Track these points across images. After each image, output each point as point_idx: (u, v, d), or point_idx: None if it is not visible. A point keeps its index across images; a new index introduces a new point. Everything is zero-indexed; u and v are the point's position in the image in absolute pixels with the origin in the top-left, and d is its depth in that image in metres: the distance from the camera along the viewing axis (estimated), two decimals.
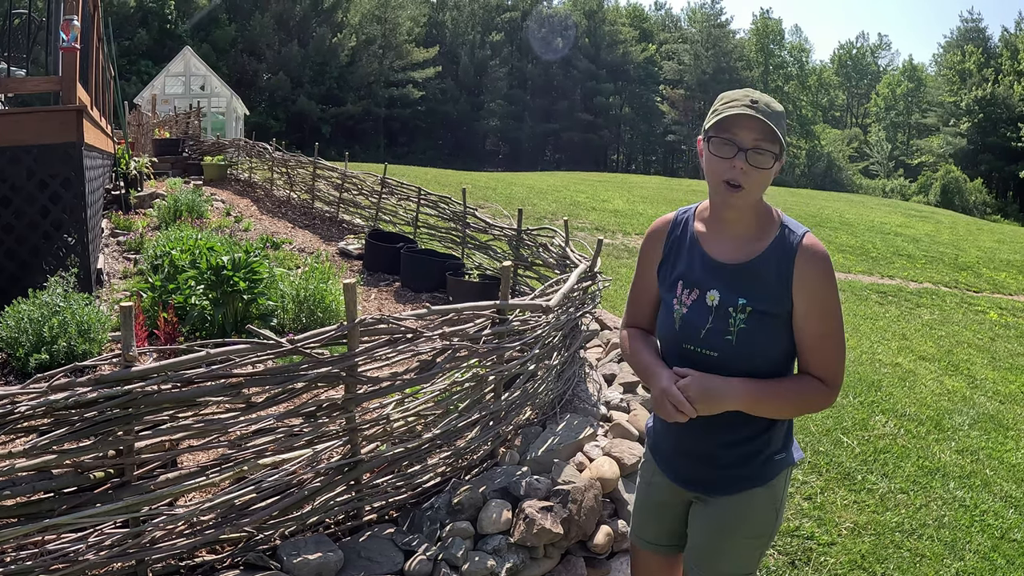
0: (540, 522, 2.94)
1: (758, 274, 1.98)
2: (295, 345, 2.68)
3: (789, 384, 2.00)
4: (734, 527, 2.12)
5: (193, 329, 5.24)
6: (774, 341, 1.99)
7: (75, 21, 5.67)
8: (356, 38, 57.82)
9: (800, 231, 2.00)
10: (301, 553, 2.68)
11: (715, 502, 2.15)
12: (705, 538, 2.17)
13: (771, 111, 1.88)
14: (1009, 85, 56.94)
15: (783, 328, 1.99)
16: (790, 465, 2.14)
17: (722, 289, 2.01)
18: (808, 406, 2.04)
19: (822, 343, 1.98)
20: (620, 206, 16.99)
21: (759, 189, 1.93)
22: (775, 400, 1.97)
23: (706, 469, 2.14)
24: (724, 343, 1.99)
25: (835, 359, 2.00)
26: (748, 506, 2.10)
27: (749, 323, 1.97)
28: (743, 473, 2.09)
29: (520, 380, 3.71)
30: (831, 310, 1.97)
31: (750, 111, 1.86)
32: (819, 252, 1.96)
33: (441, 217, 8.70)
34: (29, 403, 2.27)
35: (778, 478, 2.11)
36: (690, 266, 2.08)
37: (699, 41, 70.78)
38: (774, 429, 2.09)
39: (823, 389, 2.00)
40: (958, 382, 7.10)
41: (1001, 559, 4.02)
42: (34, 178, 5.43)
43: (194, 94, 30.26)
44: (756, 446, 2.08)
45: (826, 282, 1.96)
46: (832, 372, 2.00)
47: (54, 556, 2.34)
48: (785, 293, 1.96)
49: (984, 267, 14.35)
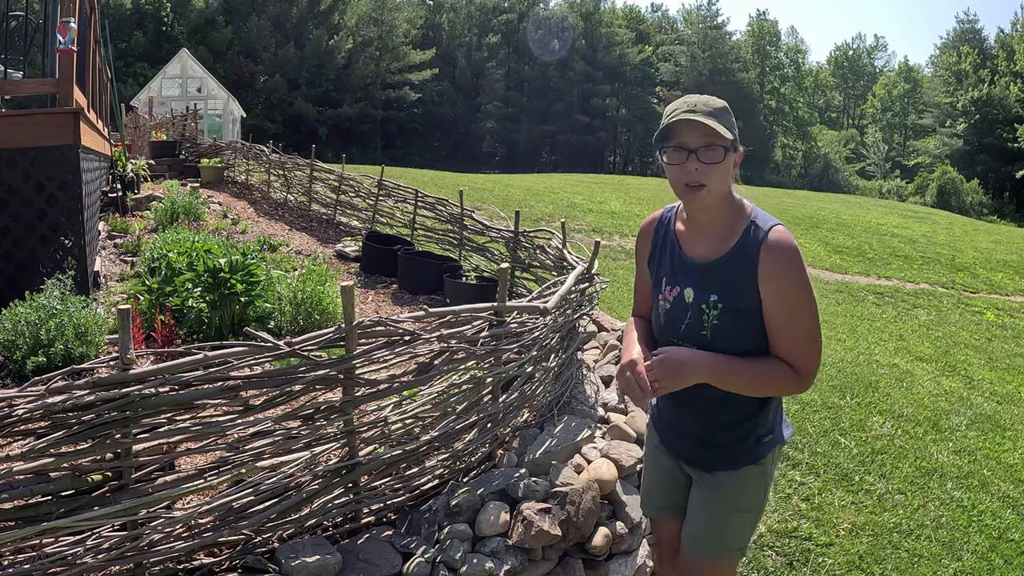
0: (538, 524, 2.94)
1: (727, 271, 2.06)
2: (293, 347, 2.68)
3: (756, 362, 2.06)
4: (728, 503, 2.24)
5: (190, 332, 5.24)
6: (747, 335, 2.06)
7: (72, 23, 5.66)
8: (353, 40, 57.81)
9: (767, 225, 2.04)
10: (299, 556, 2.68)
11: (711, 479, 2.27)
12: (701, 514, 2.29)
13: (709, 109, 1.99)
14: (1005, 86, 57.07)
15: (755, 322, 2.05)
16: (779, 444, 2.25)
17: (695, 286, 2.11)
18: (775, 387, 2.10)
19: (788, 330, 2.03)
20: (617, 207, 17.00)
21: (721, 183, 2.02)
22: (740, 376, 2.04)
23: (700, 449, 2.28)
24: (700, 338, 2.10)
25: (802, 347, 2.04)
26: (742, 483, 2.22)
27: (721, 319, 2.06)
28: (735, 453, 2.21)
29: (518, 382, 3.71)
30: (796, 300, 2.01)
31: (688, 115, 1.97)
32: (781, 245, 2.00)
33: (438, 219, 8.70)
34: (26, 406, 2.27)
35: (768, 457, 2.22)
36: (671, 264, 2.20)
37: (695, 43, 70.87)
38: (761, 413, 2.19)
39: (791, 374, 2.05)
40: (955, 383, 7.11)
41: (999, 559, 4.03)
42: (31, 181, 5.42)
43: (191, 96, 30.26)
44: (745, 428, 2.19)
45: (789, 274, 2.00)
46: (800, 359, 2.05)
47: (52, 559, 2.34)
48: (753, 287, 2.02)
49: (981, 268, 14.38)
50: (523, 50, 67.86)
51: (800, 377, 2.06)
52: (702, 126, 1.96)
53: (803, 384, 2.07)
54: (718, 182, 2.01)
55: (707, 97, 2.04)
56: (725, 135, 1.97)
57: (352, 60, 57.56)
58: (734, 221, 2.08)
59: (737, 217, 2.09)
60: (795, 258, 2.00)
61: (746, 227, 2.06)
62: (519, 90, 67.60)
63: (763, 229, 2.03)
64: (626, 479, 3.55)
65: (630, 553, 3.37)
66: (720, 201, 2.06)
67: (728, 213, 2.09)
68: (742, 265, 2.03)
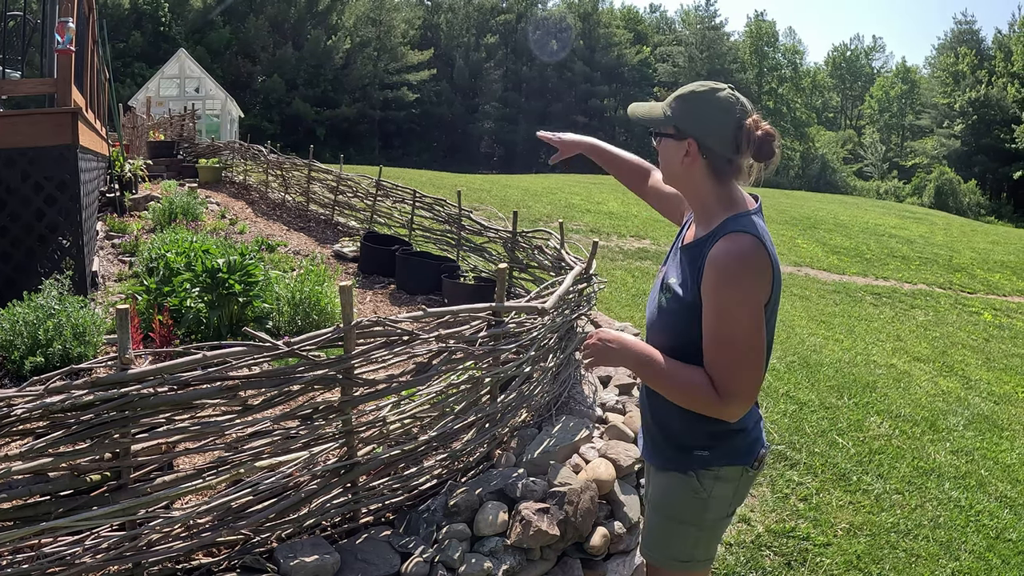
0: (536, 524, 2.94)
1: (686, 259, 2.09)
2: (291, 347, 2.68)
3: (680, 368, 2.01)
4: (658, 505, 2.25)
5: (188, 332, 5.23)
6: (683, 326, 2.03)
7: (70, 23, 5.66)
8: (351, 40, 57.77)
9: (731, 227, 1.96)
10: (298, 555, 2.68)
11: (651, 477, 2.33)
12: (647, 513, 2.35)
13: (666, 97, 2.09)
14: (1003, 87, 57.14)
15: (688, 318, 2.01)
16: (729, 466, 2.11)
17: (669, 267, 2.18)
18: (692, 399, 2.00)
19: (713, 345, 1.95)
20: (615, 208, 17.01)
21: (668, 170, 2.11)
22: (657, 373, 2.04)
23: (645, 441, 2.33)
24: (653, 317, 2.18)
25: (723, 366, 1.94)
26: (667, 487, 2.21)
27: (668, 303, 2.09)
28: (661, 453, 2.23)
29: (516, 382, 3.71)
30: (724, 312, 1.92)
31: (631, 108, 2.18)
32: (724, 253, 1.91)
33: (436, 219, 8.70)
34: (25, 406, 2.27)
35: (701, 472, 2.11)
36: (673, 245, 2.27)
37: (693, 43, 70.92)
38: (693, 424, 2.08)
39: (710, 391, 1.95)
40: (953, 383, 7.12)
41: (996, 559, 4.03)
42: (29, 181, 5.42)
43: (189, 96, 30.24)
44: (671, 432, 2.17)
45: (722, 284, 1.91)
46: (723, 382, 1.94)
47: (51, 559, 2.34)
48: (696, 285, 2.00)
49: (978, 268, 14.40)
50: (521, 50, 67.84)
51: (720, 396, 1.94)
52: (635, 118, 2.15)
53: (724, 406, 1.95)
54: (665, 166, 2.11)
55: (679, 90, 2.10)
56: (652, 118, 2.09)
57: (350, 60, 57.52)
58: (714, 214, 2.04)
59: (720, 211, 2.03)
60: (733, 271, 1.90)
61: (721, 223, 2.00)
62: (517, 90, 67.56)
63: (725, 230, 1.96)
64: (624, 479, 3.55)
65: (628, 553, 3.37)
66: (690, 189, 2.09)
67: (707, 206, 2.06)
68: (695, 259, 2.02)
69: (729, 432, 2.10)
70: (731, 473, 2.12)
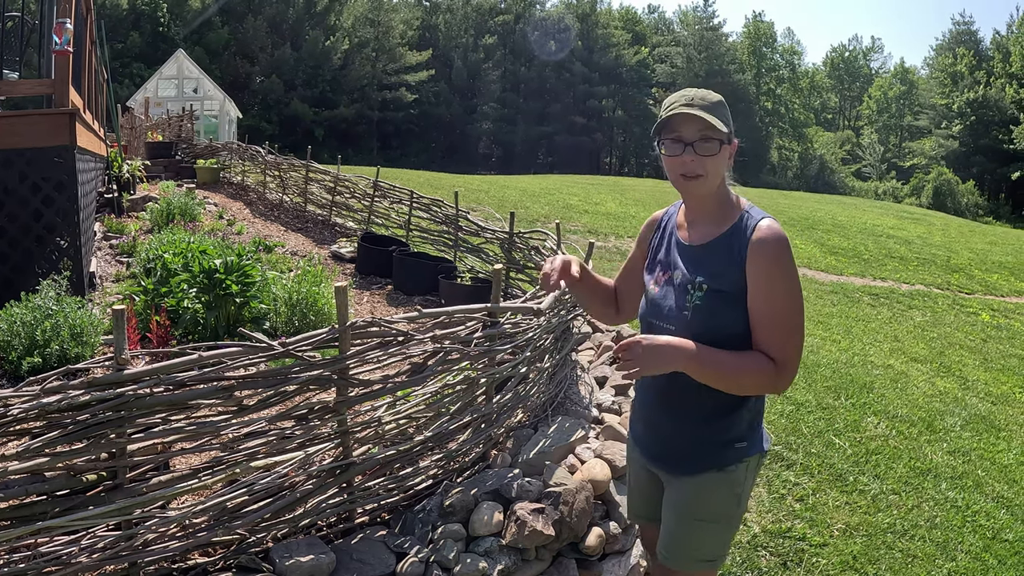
0: (531, 524, 2.95)
1: (716, 254, 2.10)
2: (287, 348, 2.69)
3: (736, 355, 2.04)
4: (691, 510, 2.21)
5: (185, 332, 5.24)
6: (727, 319, 2.07)
7: (68, 24, 5.66)
8: (349, 41, 57.78)
9: (758, 216, 2.10)
10: (293, 555, 2.69)
11: (675, 484, 2.25)
12: (669, 521, 2.27)
13: (707, 103, 2.05)
14: (1001, 88, 57.19)
15: (737, 307, 2.06)
16: (756, 455, 2.19)
17: (686, 267, 2.17)
18: (752, 380, 2.04)
19: (769, 322, 2.04)
20: (613, 209, 17.02)
21: (715, 174, 2.08)
22: (719, 364, 2.02)
23: (665, 447, 2.26)
24: (681, 317, 2.12)
25: (782, 339, 2.04)
26: (703, 489, 2.19)
27: (704, 300, 2.09)
28: (698, 455, 2.18)
29: (512, 383, 3.72)
30: (780, 290, 2.03)
31: (686, 109, 2.03)
32: (771, 236, 2.04)
33: (434, 220, 8.71)
34: (22, 406, 2.27)
35: (738, 466, 2.17)
36: (667, 251, 2.26)
37: (691, 44, 70.97)
38: (735, 414, 2.15)
39: (770, 367, 2.03)
40: (950, 383, 7.13)
41: (993, 559, 4.04)
42: (27, 181, 5.42)
43: (187, 97, 30.22)
44: (715, 428, 2.16)
45: (775, 264, 2.03)
46: (780, 352, 2.03)
47: (47, 559, 2.34)
48: (739, 273, 2.05)
49: (976, 269, 14.41)
50: (519, 51, 67.88)
51: (778, 370, 2.03)
52: (698, 120, 2.02)
53: (781, 378, 2.04)
54: (713, 172, 2.07)
55: (704, 91, 2.09)
56: (720, 128, 2.02)
57: (348, 61, 57.53)
58: (729, 210, 2.14)
59: (729, 207, 2.15)
60: (782, 247, 2.03)
61: (740, 216, 2.11)
62: (515, 91, 67.58)
63: (755, 219, 2.08)
64: (620, 479, 3.55)
65: (623, 553, 3.38)
66: (715, 189, 2.12)
67: (723, 202, 2.15)
68: (731, 249, 2.08)
69: (758, 419, 2.22)
70: (757, 462, 2.22)
